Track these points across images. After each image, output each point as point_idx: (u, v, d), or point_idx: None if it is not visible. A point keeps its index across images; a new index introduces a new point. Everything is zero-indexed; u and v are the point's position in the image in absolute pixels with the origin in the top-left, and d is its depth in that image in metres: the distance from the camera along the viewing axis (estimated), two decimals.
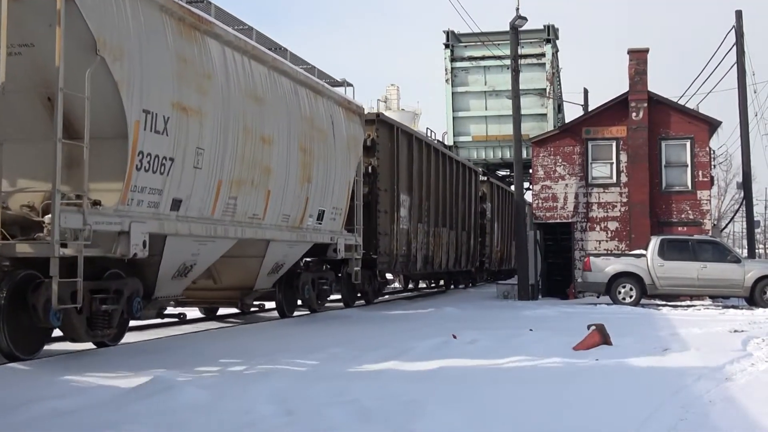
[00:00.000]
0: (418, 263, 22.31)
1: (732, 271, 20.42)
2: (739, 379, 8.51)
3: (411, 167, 21.36)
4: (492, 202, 32.82)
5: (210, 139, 10.87)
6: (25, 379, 8.01)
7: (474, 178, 29.65)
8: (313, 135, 14.48)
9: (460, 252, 27.09)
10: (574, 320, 15.06)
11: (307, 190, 14.38)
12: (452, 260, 26.17)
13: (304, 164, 14.16)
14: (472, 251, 29.17)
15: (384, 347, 10.53)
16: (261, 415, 6.41)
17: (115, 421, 6.10)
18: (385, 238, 19.33)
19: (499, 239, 34.79)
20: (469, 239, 28.62)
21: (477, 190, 30.09)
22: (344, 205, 16.42)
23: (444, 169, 24.76)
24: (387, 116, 20.20)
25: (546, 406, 6.91)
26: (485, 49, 33.43)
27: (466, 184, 28.06)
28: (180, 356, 9.80)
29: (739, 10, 28.02)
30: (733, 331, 13.35)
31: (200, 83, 10.58)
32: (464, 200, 27.69)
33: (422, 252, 22.59)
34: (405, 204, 20.92)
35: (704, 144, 24.36)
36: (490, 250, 32.64)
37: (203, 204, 10.92)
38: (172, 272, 10.93)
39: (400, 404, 6.75)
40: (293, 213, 14.01)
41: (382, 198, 19.22)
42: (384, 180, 19.39)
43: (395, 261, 20.28)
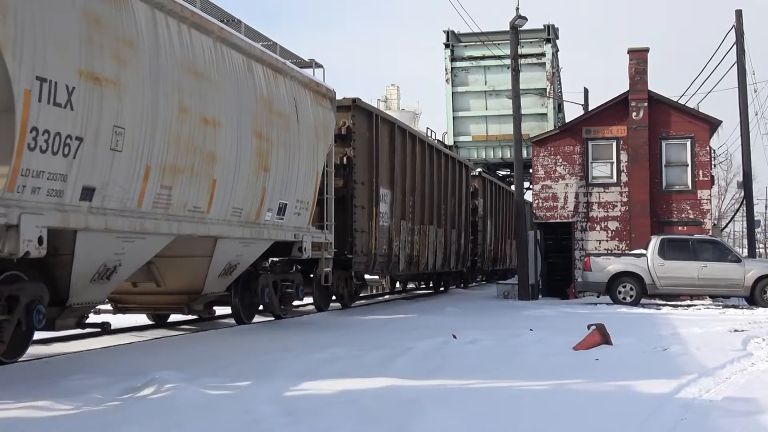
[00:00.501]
0: (401, 264, 20.82)
1: (732, 270, 20.42)
2: (739, 378, 8.51)
3: (393, 159, 19.84)
4: (484, 199, 31.31)
5: (133, 117, 9.13)
6: (27, 380, 8.02)
7: (465, 173, 28.12)
8: (271, 119, 12.74)
9: (449, 251, 25.62)
10: (574, 320, 15.07)
11: (263, 181, 12.62)
12: (440, 260, 24.79)
13: (260, 151, 12.39)
14: (462, 251, 27.66)
15: (383, 347, 10.53)
16: (261, 415, 6.42)
17: (116, 422, 6.11)
18: (362, 236, 17.86)
19: (493, 237, 33.26)
20: (460, 238, 27.13)
21: (468, 186, 28.64)
22: (311, 198, 14.70)
23: (431, 162, 23.44)
24: (365, 102, 18.34)
25: (546, 406, 6.91)
26: (485, 49, 33.44)
27: (456, 179, 26.58)
28: (180, 356, 9.80)
29: (739, 9, 28.06)
30: (734, 331, 13.35)
31: (119, 50, 8.85)
32: (454, 196, 26.22)
33: (406, 251, 21.18)
34: (386, 199, 19.39)
35: (704, 143, 24.36)
36: (483, 249, 31.17)
37: (126, 194, 9.19)
38: (89, 275, 9.33)
39: (399, 404, 6.76)
40: (247, 206, 12.26)
41: (358, 192, 17.64)
42: (361, 172, 17.82)
43: (374, 261, 18.74)
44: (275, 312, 15.24)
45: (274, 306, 14.96)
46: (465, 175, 28.18)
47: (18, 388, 7.50)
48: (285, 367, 8.87)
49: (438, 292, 27.93)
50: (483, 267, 31.92)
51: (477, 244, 30.10)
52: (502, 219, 35.11)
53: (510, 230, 36.42)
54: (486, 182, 31.74)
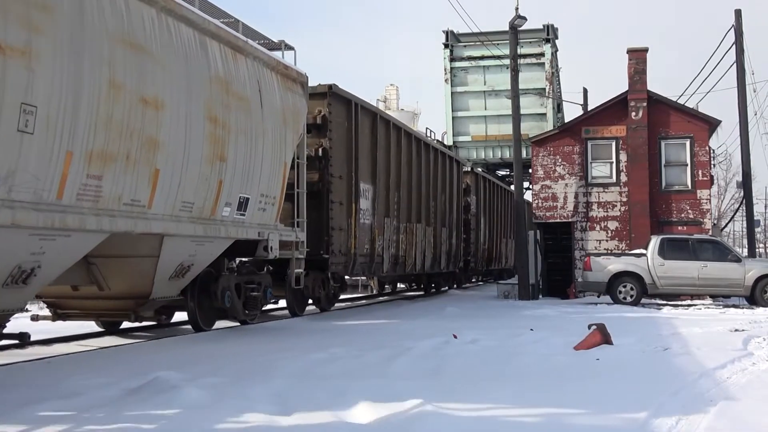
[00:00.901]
0: (385, 264, 19.48)
1: (732, 270, 20.41)
2: (739, 378, 8.51)
3: (375, 152, 18.57)
4: (477, 195, 30.05)
5: (48, 94, 7.83)
6: (27, 380, 8.02)
7: (456, 169, 26.87)
8: (229, 102, 11.45)
9: (439, 251, 24.38)
10: (574, 320, 15.07)
11: (219, 172, 11.29)
12: (429, 260, 23.53)
13: (215, 138, 11.08)
14: (454, 250, 26.36)
15: (384, 347, 10.52)
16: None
17: (115, 422, 6.10)
18: (339, 235, 16.57)
19: (487, 236, 31.95)
20: (451, 237, 25.80)
21: (460, 182, 27.31)
22: (278, 192, 13.36)
23: (419, 156, 22.26)
24: (343, 89, 16.85)
25: (546, 406, 6.90)
26: (484, 49, 33.44)
27: (447, 175, 25.34)
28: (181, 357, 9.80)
29: (738, 9, 28.07)
30: (734, 331, 13.34)
31: (29, 14, 7.62)
32: (444, 193, 24.93)
33: (391, 251, 19.82)
34: (367, 194, 18.11)
35: (704, 143, 24.36)
36: (476, 249, 29.81)
37: (42, 184, 7.85)
38: None
39: (400, 404, 6.74)
40: (199, 200, 10.90)
41: (336, 186, 16.36)
42: (339, 165, 16.51)
43: (353, 261, 17.42)
44: (239, 317, 14.03)
45: (236, 311, 13.73)
46: (456, 171, 26.95)
47: (19, 389, 7.49)
48: (285, 366, 8.86)
49: (429, 294, 26.52)
50: (477, 267, 30.70)
51: (470, 244, 28.84)
52: (498, 217, 34.02)
53: (506, 229, 35.63)
54: (479, 179, 30.60)
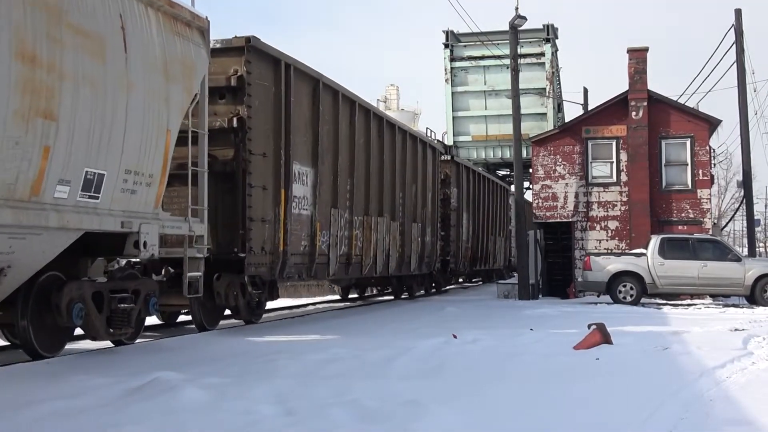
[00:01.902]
0: (331, 265, 16.13)
1: (732, 269, 20.41)
2: (739, 377, 8.51)
3: (317, 127, 15.19)
4: (459, 188, 26.62)
5: None
6: (26, 381, 8.02)
7: (432, 156, 23.74)
8: (62, 37, 8.21)
9: (408, 250, 21.21)
10: (574, 319, 15.07)
11: (44, 134, 8.02)
12: (395, 261, 20.02)
13: (33, 85, 7.84)
14: (428, 249, 23.16)
15: (384, 347, 10.53)
16: (262, 415, 6.42)
17: (116, 422, 6.11)
18: (261, 228, 13.18)
19: (471, 233, 28.51)
20: (424, 234, 22.57)
21: (437, 171, 24.17)
22: (157, 169, 10.11)
23: (381, 138, 18.88)
24: (268, 45, 13.60)
25: (546, 405, 6.91)
26: (485, 49, 33.45)
27: (420, 163, 22.32)
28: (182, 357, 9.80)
29: (738, 8, 28.07)
30: (734, 330, 13.34)
31: None
32: (416, 183, 21.84)
33: (341, 249, 16.56)
34: (304, 179, 14.85)
35: (704, 143, 24.37)
36: (458, 248, 26.49)
37: None
38: None
39: (400, 404, 6.75)
40: (8, 174, 7.71)
41: (257, 167, 13.06)
42: (262, 140, 13.25)
43: (282, 261, 13.96)
44: (99, 337, 10.43)
45: (94, 329, 10.16)
46: (433, 159, 23.82)
47: (19, 389, 7.50)
48: (285, 367, 8.87)
49: (400, 300, 23.17)
50: (458, 268, 27.39)
51: (449, 242, 25.56)
52: (485, 212, 30.76)
53: (495, 225, 32.82)
54: (461, 169, 27.26)
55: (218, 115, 12.77)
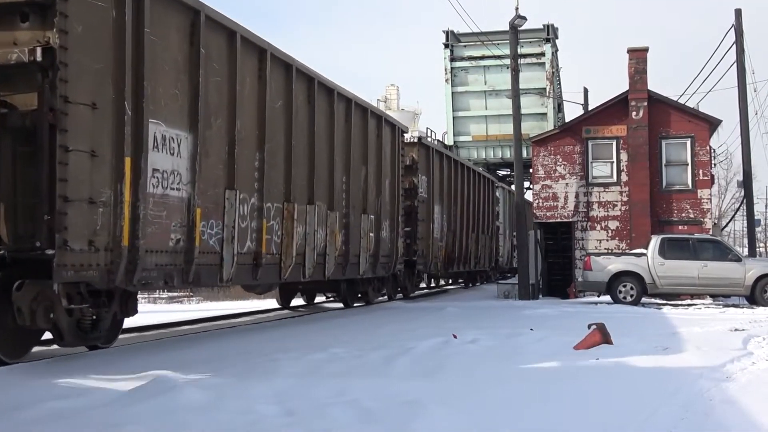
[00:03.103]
0: (225, 268, 11.76)
1: (733, 269, 20.41)
2: (739, 377, 8.51)
3: (197, 77, 11.00)
4: (430, 176, 22.95)
5: None
6: (26, 381, 8.03)
7: (392, 136, 19.80)
8: None
9: (356, 248, 17.16)
10: (574, 319, 15.07)
11: None
12: (334, 261, 15.94)
13: None
14: (387, 247, 19.28)
15: (384, 347, 10.53)
16: (261, 415, 6.42)
17: (116, 423, 6.11)
18: (87, 213, 8.97)
19: (446, 229, 24.72)
20: (380, 228, 18.67)
21: (398, 154, 20.12)
22: None
23: (310, 104, 14.83)
24: None
25: (546, 405, 6.91)
26: (485, 49, 33.46)
27: (374, 142, 18.31)
28: (182, 356, 9.80)
29: (738, 8, 28.08)
30: (734, 330, 13.34)
31: None
32: (367, 166, 17.82)
33: (242, 246, 12.25)
34: (174, 147, 10.61)
35: (704, 143, 24.38)
36: (427, 246, 22.67)
37: None
38: None
39: (400, 404, 6.76)
40: None
41: (78, 121, 8.88)
42: (88, 83, 9.07)
43: (131, 263, 9.66)
44: None
45: None
46: (393, 140, 19.83)
47: (18, 389, 7.50)
48: (285, 367, 8.87)
49: (352, 308, 19.40)
50: (429, 269, 23.80)
51: (417, 239, 21.72)
52: (465, 206, 26.85)
53: (478, 221, 28.99)
54: (432, 154, 23.24)
55: (18, 44, 8.81)
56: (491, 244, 32.05)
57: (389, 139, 19.59)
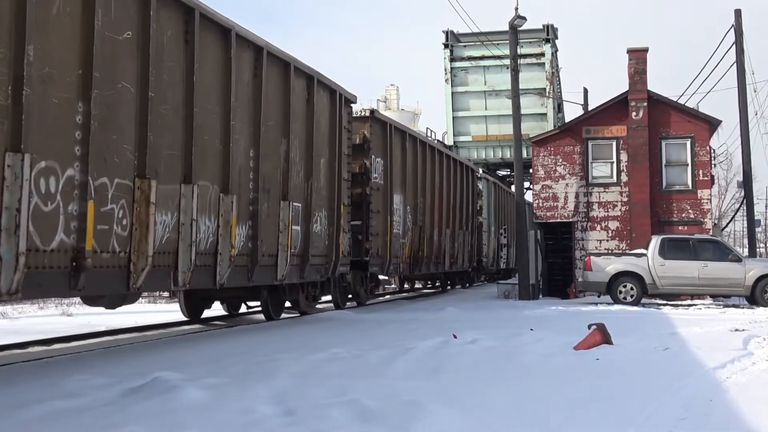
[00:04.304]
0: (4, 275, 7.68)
1: (733, 270, 20.41)
2: (739, 378, 8.51)
3: None
4: (387, 159, 19.32)
5: None
6: (27, 381, 8.03)
7: (331, 104, 15.82)
8: None
9: (269, 246, 13.26)
10: (574, 320, 15.07)
11: None
12: (228, 263, 11.89)
13: None
14: (322, 244, 15.48)
15: (383, 347, 10.52)
16: (261, 415, 6.42)
17: (116, 422, 6.11)
18: None
19: (411, 224, 21.25)
20: (310, 220, 14.80)
21: (340, 128, 16.12)
22: None
23: (189, 45, 10.96)
24: None
25: (547, 405, 6.90)
26: (485, 49, 33.47)
27: (297, 106, 14.28)
28: (182, 357, 9.80)
29: (738, 9, 28.08)
30: (734, 330, 13.34)
31: None
32: (288, 138, 13.85)
33: (42, 236, 8.20)
34: None
35: (704, 143, 24.37)
36: (385, 243, 19.09)
37: None
38: None
39: (400, 404, 6.75)
40: None
41: None
42: None
43: None
44: None
45: None
46: (334, 109, 16.00)
47: (18, 389, 7.50)
48: (285, 367, 8.87)
49: (271, 320, 15.36)
50: (387, 271, 19.88)
51: (370, 235, 18.21)
52: (437, 197, 23.67)
53: (455, 216, 25.83)
54: (391, 132, 19.57)
55: None
56: (472, 242, 28.67)
57: (326, 107, 15.77)
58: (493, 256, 33.23)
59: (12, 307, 19.59)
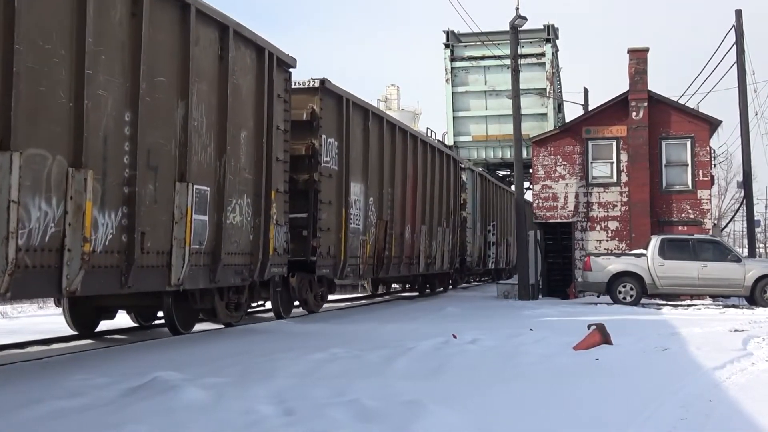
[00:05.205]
0: None
1: (732, 270, 20.41)
2: (739, 378, 8.51)
3: None
4: (343, 139, 16.50)
5: None
6: (27, 380, 8.03)
7: (261, 62, 12.97)
8: None
9: (159, 240, 10.35)
10: (574, 320, 15.07)
11: None
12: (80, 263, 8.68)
13: None
14: (247, 240, 12.71)
15: (384, 347, 10.53)
16: (261, 415, 6.42)
17: (116, 422, 6.11)
18: None
19: (374, 218, 18.40)
20: (224, 209, 11.81)
21: (270, 93, 13.16)
22: None
23: None
24: None
25: (546, 405, 6.91)
26: (485, 49, 33.49)
27: (206, 61, 11.46)
28: (182, 357, 9.80)
29: (739, 9, 28.06)
30: (734, 331, 13.34)
31: None
32: (184, 99, 10.80)
33: None
34: None
35: (704, 143, 24.37)
36: (339, 240, 16.36)
37: None
38: None
39: (400, 404, 6.75)
40: None
41: None
42: None
43: None
44: None
45: None
46: (262, 69, 12.95)
47: (18, 389, 7.50)
48: (285, 367, 8.87)
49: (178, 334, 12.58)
50: (341, 274, 16.87)
51: (318, 230, 15.48)
52: (412, 188, 21.10)
53: (433, 210, 23.09)
54: (348, 108, 16.73)
55: None
56: (453, 240, 25.83)
57: (250, 68, 12.67)
58: (479, 255, 30.43)
59: (11, 306, 19.60)
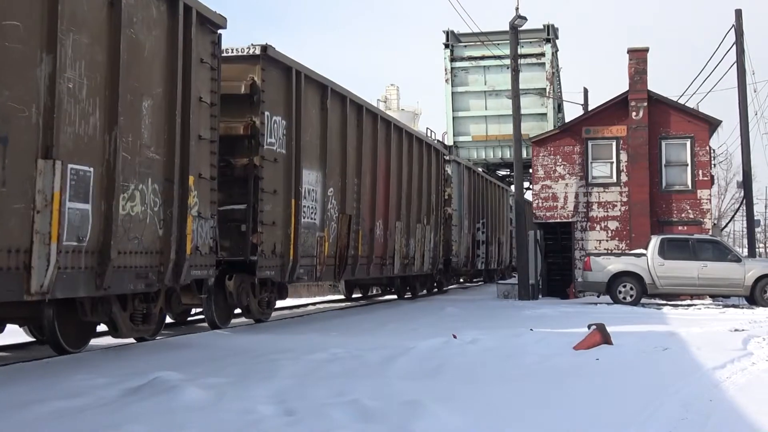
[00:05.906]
0: None
1: (732, 270, 20.41)
2: (739, 378, 8.51)
3: None
4: (293, 119, 14.20)
5: None
6: (27, 381, 8.03)
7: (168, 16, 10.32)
8: None
9: (15, 236, 7.74)
10: (574, 320, 15.07)
11: None
12: None
13: None
14: (155, 237, 10.17)
15: (384, 347, 10.52)
16: (261, 415, 6.42)
17: (116, 422, 6.11)
18: None
19: (335, 212, 16.14)
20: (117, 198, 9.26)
21: (188, 62, 10.59)
22: None
23: None
24: None
25: (547, 405, 6.91)
26: (485, 49, 33.48)
27: (94, 13, 8.87)
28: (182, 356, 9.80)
29: (738, 9, 28.08)
30: (734, 330, 13.34)
31: None
32: (49, 54, 8.11)
33: None
34: None
35: (704, 143, 24.38)
36: (286, 237, 14.00)
37: None
38: None
39: (400, 404, 6.75)
40: None
41: None
42: None
43: None
44: None
45: None
46: (174, 29, 10.41)
47: (19, 390, 7.50)
48: (285, 367, 8.87)
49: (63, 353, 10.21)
50: (290, 276, 14.34)
51: (259, 224, 13.19)
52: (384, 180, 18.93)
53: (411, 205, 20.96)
54: (300, 81, 14.41)
55: None
56: (436, 239, 23.83)
57: (157, 21, 10.18)
58: (467, 255, 28.24)
59: None
